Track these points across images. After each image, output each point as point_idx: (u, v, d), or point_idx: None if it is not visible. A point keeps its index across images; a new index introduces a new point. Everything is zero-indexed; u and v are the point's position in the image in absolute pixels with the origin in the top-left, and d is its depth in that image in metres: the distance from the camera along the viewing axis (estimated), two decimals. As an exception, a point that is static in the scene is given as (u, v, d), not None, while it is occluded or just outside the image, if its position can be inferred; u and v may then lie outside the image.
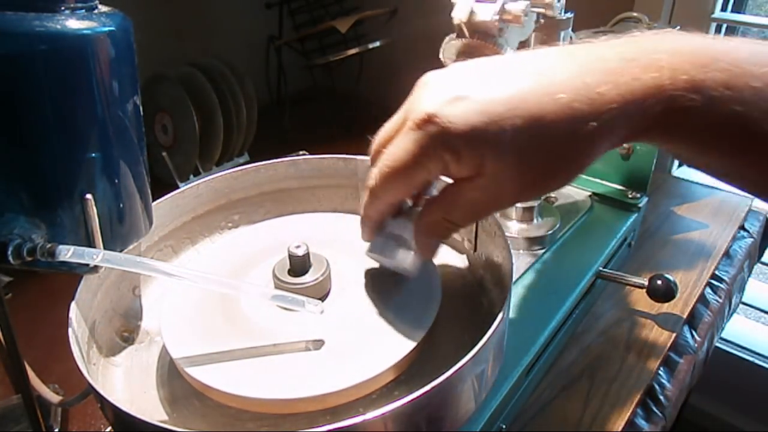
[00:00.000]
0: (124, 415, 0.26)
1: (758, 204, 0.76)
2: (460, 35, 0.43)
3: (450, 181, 0.31)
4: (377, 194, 0.32)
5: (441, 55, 0.45)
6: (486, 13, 0.41)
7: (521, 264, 0.53)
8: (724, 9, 0.85)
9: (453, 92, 0.28)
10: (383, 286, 0.37)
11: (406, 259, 0.35)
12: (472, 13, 0.41)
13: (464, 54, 0.43)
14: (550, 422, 0.47)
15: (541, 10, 0.43)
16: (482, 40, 0.42)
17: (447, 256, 0.44)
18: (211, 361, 0.33)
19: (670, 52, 0.27)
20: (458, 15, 0.42)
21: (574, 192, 0.65)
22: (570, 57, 0.28)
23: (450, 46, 0.44)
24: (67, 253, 0.28)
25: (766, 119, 0.25)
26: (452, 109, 0.27)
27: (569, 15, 0.46)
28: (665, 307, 0.57)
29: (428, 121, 0.28)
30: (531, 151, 0.27)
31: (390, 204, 0.33)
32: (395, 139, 0.30)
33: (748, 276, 0.74)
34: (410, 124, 0.29)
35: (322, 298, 0.36)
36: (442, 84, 0.29)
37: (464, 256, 0.44)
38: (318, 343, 0.34)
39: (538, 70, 0.28)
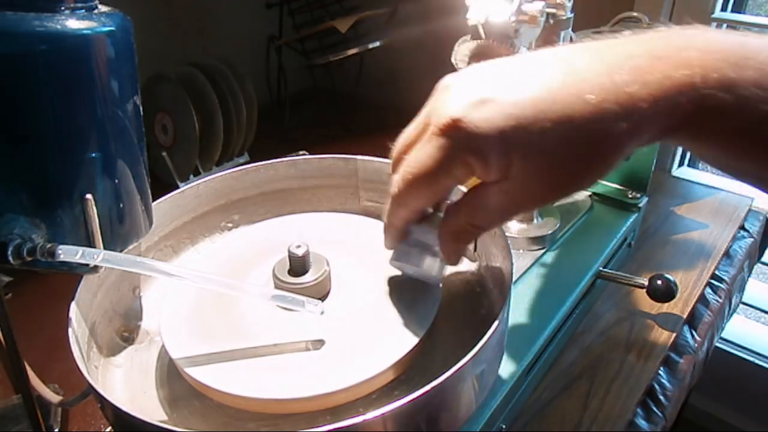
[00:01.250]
0: (124, 415, 0.26)
1: (758, 204, 0.76)
2: (475, 37, 0.42)
3: (464, 188, 0.31)
4: (401, 202, 0.31)
5: (453, 58, 0.44)
6: (503, 15, 0.40)
7: (521, 264, 0.53)
8: (724, 9, 0.85)
9: (477, 95, 0.27)
10: (383, 286, 0.37)
11: (433, 266, 0.34)
12: (488, 14, 0.41)
13: (478, 56, 0.43)
14: (550, 422, 0.47)
15: (554, 11, 0.43)
16: (498, 42, 0.41)
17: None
18: (211, 361, 0.33)
19: (702, 49, 0.26)
20: (475, 16, 0.41)
21: (574, 192, 0.65)
22: (596, 55, 0.27)
23: (464, 47, 0.43)
24: (68, 253, 0.28)
25: None
26: (478, 112, 0.27)
27: (569, 15, 0.46)
28: (665, 307, 0.57)
29: (453, 126, 0.27)
30: (560, 154, 0.27)
31: (414, 211, 0.32)
32: (418, 145, 0.29)
33: (748, 276, 0.74)
34: (434, 130, 0.28)
35: (322, 298, 0.36)
36: (465, 87, 0.28)
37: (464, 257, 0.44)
38: (318, 343, 0.34)
39: (565, 69, 0.27)
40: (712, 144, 0.27)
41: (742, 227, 0.73)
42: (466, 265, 0.43)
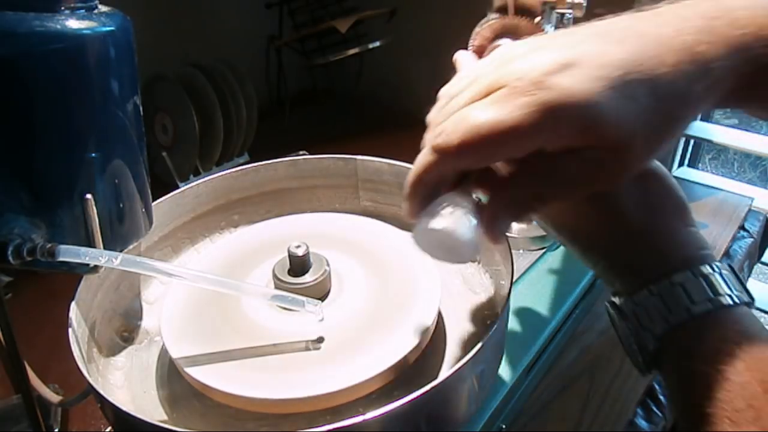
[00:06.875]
0: (124, 415, 0.26)
1: (758, 204, 0.76)
2: (501, 13, 0.42)
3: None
4: (454, 154, 0.26)
5: (472, 41, 0.43)
6: None
7: (521, 264, 0.53)
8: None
9: (559, 58, 0.25)
10: (383, 286, 0.37)
11: (466, 244, 0.27)
12: None
13: (502, 34, 0.41)
14: (550, 422, 0.46)
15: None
16: (527, 19, 0.40)
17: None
18: (211, 361, 0.33)
19: (748, 7, 0.26)
20: None
21: (574, 192, 0.64)
22: (657, 18, 0.26)
23: (488, 25, 0.42)
24: (73, 255, 0.28)
25: None
26: (566, 76, 0.25)
27: (570, 16, 0.46)
28: (665, 307, 0.57)
29: (540, 87, 0.25)
30: (648, 116, 0.25)
31: (458, 170, 0.28)
32: (490, 102, 0.26)
33: (748, 276, 0.74)
34: (512, 90, 0.25)
35: (322, 298, 0.36)
36: (541, 51, 0.26)
37: (464, 256, 0.44)
38: (318, 343, 0.34)
39: (638, 32, 0.26)
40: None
41: (742, 227, 0.73)
42: (466, 265, 0.43)
